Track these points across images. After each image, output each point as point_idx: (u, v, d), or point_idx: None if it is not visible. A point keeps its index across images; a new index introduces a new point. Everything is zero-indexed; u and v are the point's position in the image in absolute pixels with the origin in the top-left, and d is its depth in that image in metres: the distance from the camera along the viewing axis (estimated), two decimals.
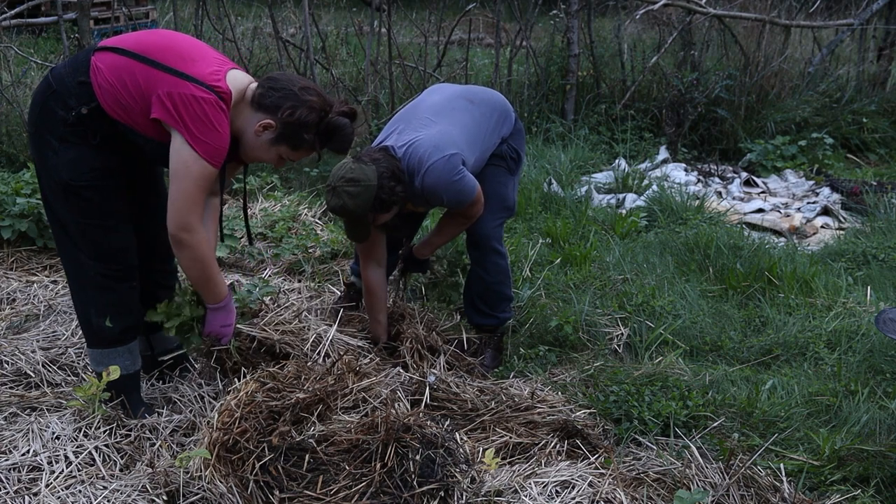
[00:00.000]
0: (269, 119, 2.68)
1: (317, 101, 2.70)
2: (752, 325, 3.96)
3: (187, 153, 2.56)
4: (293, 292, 4.12)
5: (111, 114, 2.61)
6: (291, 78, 2.76)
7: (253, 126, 2.70)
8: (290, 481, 2.50)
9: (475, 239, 3.52)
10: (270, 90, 2.69)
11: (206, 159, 2.57)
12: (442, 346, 3.50)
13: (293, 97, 2.68)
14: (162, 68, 2.57)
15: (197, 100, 2.54)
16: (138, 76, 2.58)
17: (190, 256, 2.68)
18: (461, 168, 3.19)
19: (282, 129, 2.69)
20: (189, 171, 2.57)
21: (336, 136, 2.75)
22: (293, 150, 2.76)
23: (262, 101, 2.68)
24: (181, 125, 2.55)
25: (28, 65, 6.96)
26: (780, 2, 8.23)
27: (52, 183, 2.73)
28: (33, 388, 3.16)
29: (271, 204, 5.35)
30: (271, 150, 2.75)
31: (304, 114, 2.68)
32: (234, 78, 2.68)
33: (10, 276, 4.18)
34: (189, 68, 2.58)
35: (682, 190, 5.82)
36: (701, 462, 2.70)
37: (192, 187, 2.59)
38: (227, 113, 2.62)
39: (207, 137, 2.56)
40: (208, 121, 2.56)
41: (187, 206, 2.61)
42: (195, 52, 2.66)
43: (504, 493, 2.57)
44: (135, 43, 2.65)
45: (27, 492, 2.51)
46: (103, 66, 2.61)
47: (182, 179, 2.58)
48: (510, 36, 8.00)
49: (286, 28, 8.62)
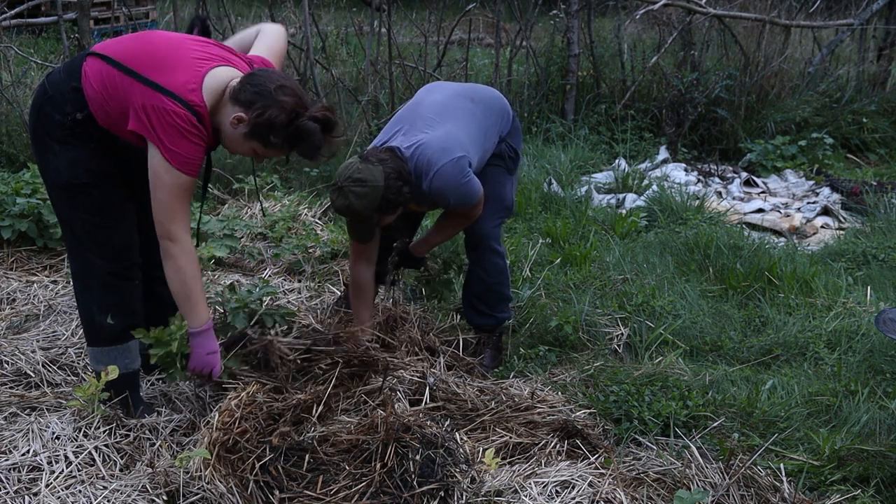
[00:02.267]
0: (241, 112, 2.66)
1: (289, 101, 2.64)
2: (752, 325, 3.96)
3: (159, 163, 2.60)
4: (293, 292, 4.12)
5: (99, 120, 2.66)
6: (271, 76, 2.70)
7: (229, 118, 2.69)
8: (290, 481, 2.51)
9: (474, 239, 3.52)
10: (247, 85, 2.66)
11: (177, 169, 2.60)
12: (440, 346, 3.50)
13: (267, 96, 2.63)
14: (139, 79, 2.60)
15: (168, 112, 2.57)
16: (117, 85, 2.62)
17: (172, 267, 2.68)
18: (468, 170, 3.19)
19: (252, 126, 2.66)
20: (162, 181, 2.62)
21: (304, 141, 2.68)
22: (264, 147, 2.73)
23: (237, 95, 2.66)
24: (154, 136, 2.58)
25: (28, 65, 6.96)
26: (780, 2, 8.23)
27: (54, 184, 2.78)
28: (33, 388, 3.16)
29: (271, 204, 5.34)
30: (245, 143, 2.73)
31: (274, 114, 2.63)
32: (213, 78, 2.66)
33: (10, 276, 4.18)
34: (165, 78, 2.60)
35: (682, 190, 5.82)
36: (701, 462, 2.70)
37: (167, 197, 2.63)
38: (197, 127, 2.62)
39: (179, 148, 2.59)
40: (179, 132, 2.58)
41: (166, 215, 2.64)
42: (176, 58, 2.65)
43: (504, 493, 2.57)
44: (120, 50, 2.68)
45: (27, 492, 2.51)
46: (91, 73, 2.65)
47: (157, 189, 2.63)
48: (510, 36, 8.00)
49: (286, 28, 8.61)
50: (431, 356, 3.42)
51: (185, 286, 2.70)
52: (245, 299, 3.10)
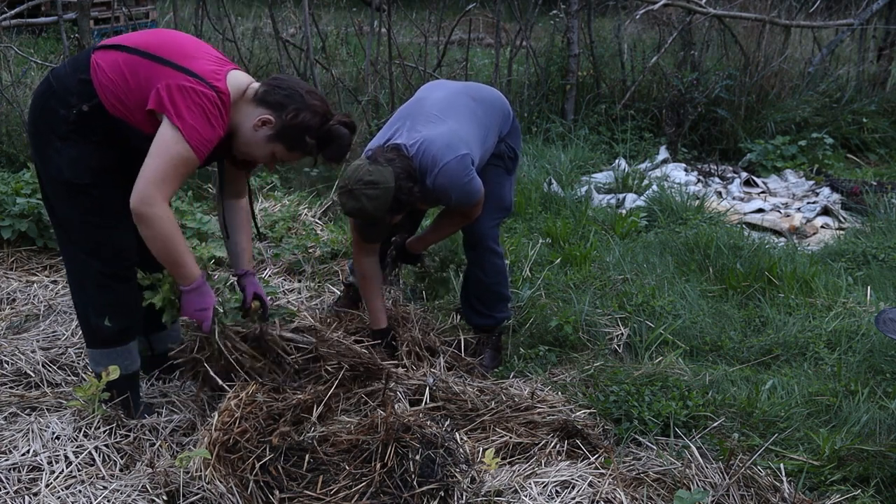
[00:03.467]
0: (269, 115, 2.69)
1: (320, 106, 2.72)
2: (752, 325, 3.96)
3: (171, 134, 2.56)
4: (293, 292, 4.12)
5: (111, 110, 2.64)
6: (298, 81, 2.79)
7: (252, 120, 2.70)
8: (290, 481, 2.51)
9: (472, 239, 3.52)
10: (276, 88, 2.70)
11: (190, 143, 2.57)
12: (441, 346, 3.50)
13: (299, 99, 2.69)
14: (165, 63, 2.60)
15: (196, 92, 2.56)
16: (140, 71, 2.61)
17: (151, 233, 2.61)
18: (471, 168, 3.18)
19: (281, 128, 2.69)
20: (168, 149, 2.56)
21: (334, 143, 2.76)
22: (288, 151, 2.76)
23: (267, 97, 2.70)
24: (172, 111, 2.55)
25: (28, 65, 6.95)
26: (780, 2, 8.23)
27: (53, 182, 2.75)
28: (33, 388, 3.16)
29: (271, 204, 5.34)
30: (266, 146, 2.74)
31: (308, 117, 2.69)
32: (234, 78, 2.70)
33: (10, 276, 4.18)
34: (191, 64, 2.61)
35: (682, 190, 5.82)
36: (701, 462, 2.70)
37: (167, 165, 2.56)
38: (222, 112, 2.63)
39: (198, 124, 2.57)
40: (203, 111, 2.57)
41: (156, 181, 2.56)
42: (197, 51, 2.69)
43: (504, 493, 2.57)
44: (137, 40, 2.69)
45: (27, 492, 2.51)
46: (104, 63, 2.64)
47: (158, 156, 2.56)
48: (510, 36, 8.00)
49: (286, 28, 8.61)
50: (432, 356, 3.42)
51: (167, 250, 2.65)
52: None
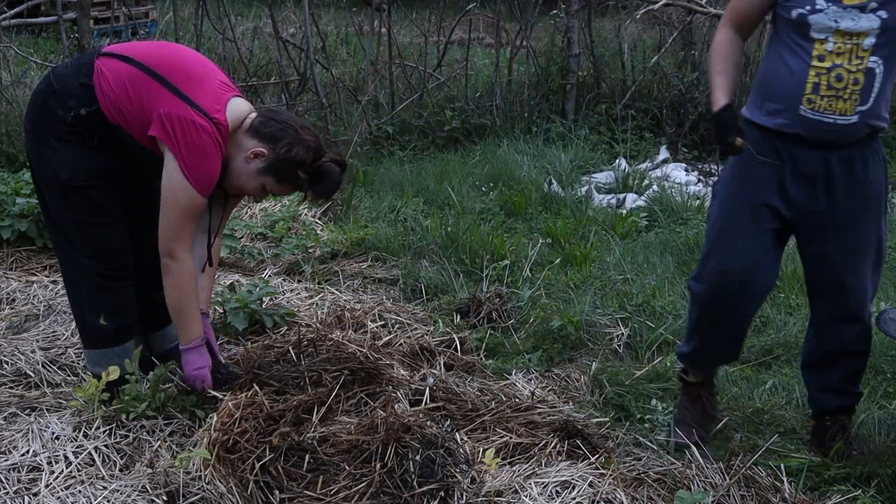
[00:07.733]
0: (262, 147, 2.70)
1: (313, 142, 2.74)
2: (752, 325, 3.95)
3: (178, 180, 2.61)
4: (293, 292, 4.12)
5: (109, 118, 2.65)
6: (292, 115, 2.84)
7: (244, 152, 2.71)
8: (290, 482, 2.50)
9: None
10: (271, 120, 2.72)
11: (194, 186, 2.62)
12: (439, 347, 3.49)
13: (293, 133, 2.71)
14: (167, 86, 2.61)
15: (195, 126, 2.58)
16: (141, 88, 2.62)
17: (171, 283, 2.73)
18: None
19: (274, 161, 2.71)
20: (177, 200, 2.64)
21: (325, 180, 2.77)
22: (278, 184, 2.77)
23: (261, 129, 2.71)
24: (176, 148, 2.59)
25: (28, 65, 6.96)
26: None
27: (49, 181, 2.75)
28: (33, 388, 3.16)
29: (271, 204, 5.34)
30: (257, 178, 2.76)
31: (301, 152, 2.70)
32: (235, 107, 2.70)
33: (10, 276, 4.17)
34: (194, 92, 2.62)
35: (683, 190, 5.82)
36: (701, 462, 2.70)
37: (180, 216, 2.66)
38: (221, 146, 2.65)
39: (199, 164, 2.61)
40: (202, 148, 2.60)
41: (174, 233, 2.67)
42: (202, 75, 2.69)
43: (504, 493, 2.57)
44: (144, 54, 2.69)
45: (27, 492, 2.51)
46: (108, 71, 2.64)
47: (170, 209, 2.65)
48: (510, 36, 8.00)
49: (286, 28, 8.61)
50: (432, 357, 3.42)
51: (180, 303, 2.75)
52: (245, 299, 3.10)
